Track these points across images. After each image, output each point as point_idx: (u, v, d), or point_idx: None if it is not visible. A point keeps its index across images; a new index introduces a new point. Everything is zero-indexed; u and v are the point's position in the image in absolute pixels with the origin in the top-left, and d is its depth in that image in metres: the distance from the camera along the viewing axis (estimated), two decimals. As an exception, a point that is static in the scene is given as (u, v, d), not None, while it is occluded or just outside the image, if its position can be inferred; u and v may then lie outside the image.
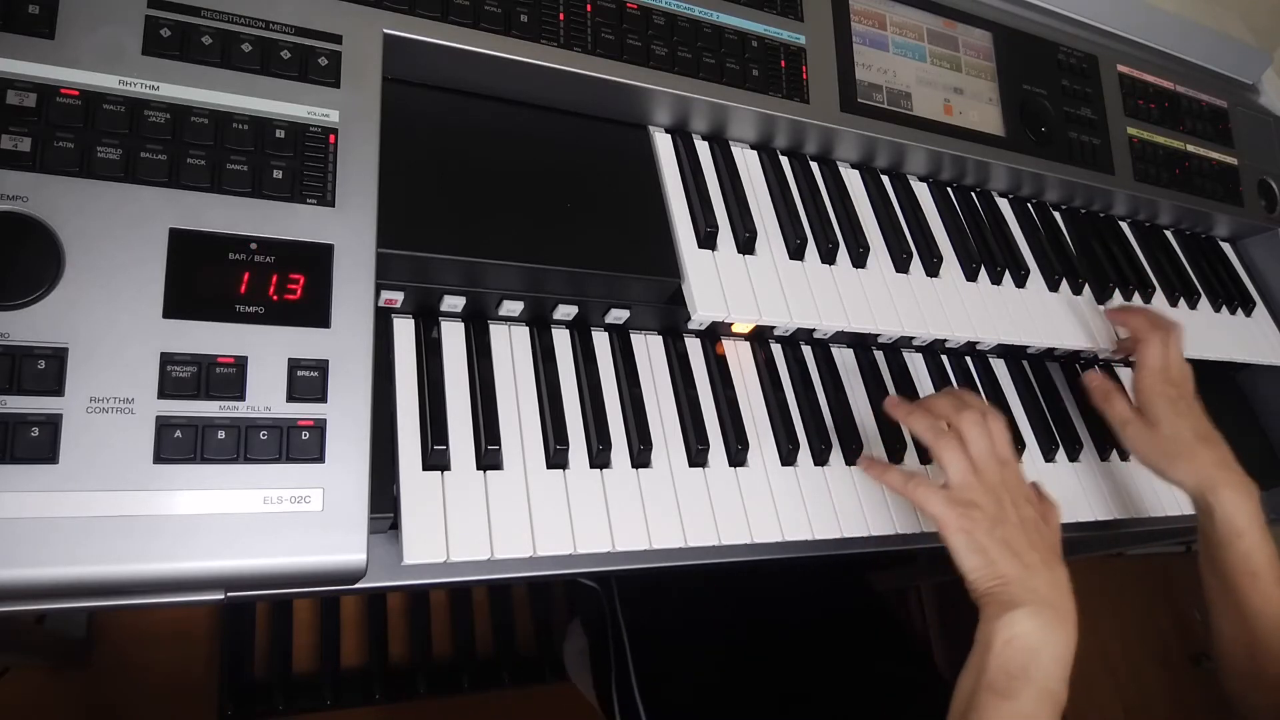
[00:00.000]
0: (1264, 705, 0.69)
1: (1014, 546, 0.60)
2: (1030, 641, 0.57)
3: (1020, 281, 0.84)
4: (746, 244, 0.71)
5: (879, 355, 0.81)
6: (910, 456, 0.75)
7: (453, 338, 0.64)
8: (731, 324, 0.72)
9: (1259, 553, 0.70)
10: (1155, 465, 0.77)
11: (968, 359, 0.86)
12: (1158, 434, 0.76)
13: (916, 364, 0.83)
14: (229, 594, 0.47)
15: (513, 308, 0.65)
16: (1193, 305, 0.97)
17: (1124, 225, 1.00)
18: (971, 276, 0.82)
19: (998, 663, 0.57)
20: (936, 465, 0.67)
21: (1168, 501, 0.86)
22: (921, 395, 0.80)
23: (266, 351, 0.49)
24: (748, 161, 0.77)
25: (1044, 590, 0.59)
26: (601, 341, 0.69)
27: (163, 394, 0.46)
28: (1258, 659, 0.69)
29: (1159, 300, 0.94)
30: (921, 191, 0.86)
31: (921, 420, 0.67)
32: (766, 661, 0.97)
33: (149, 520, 0.44)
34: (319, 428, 0.49)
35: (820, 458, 0.71)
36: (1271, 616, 0.69)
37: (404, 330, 0.63)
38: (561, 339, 0.68)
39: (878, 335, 0.78)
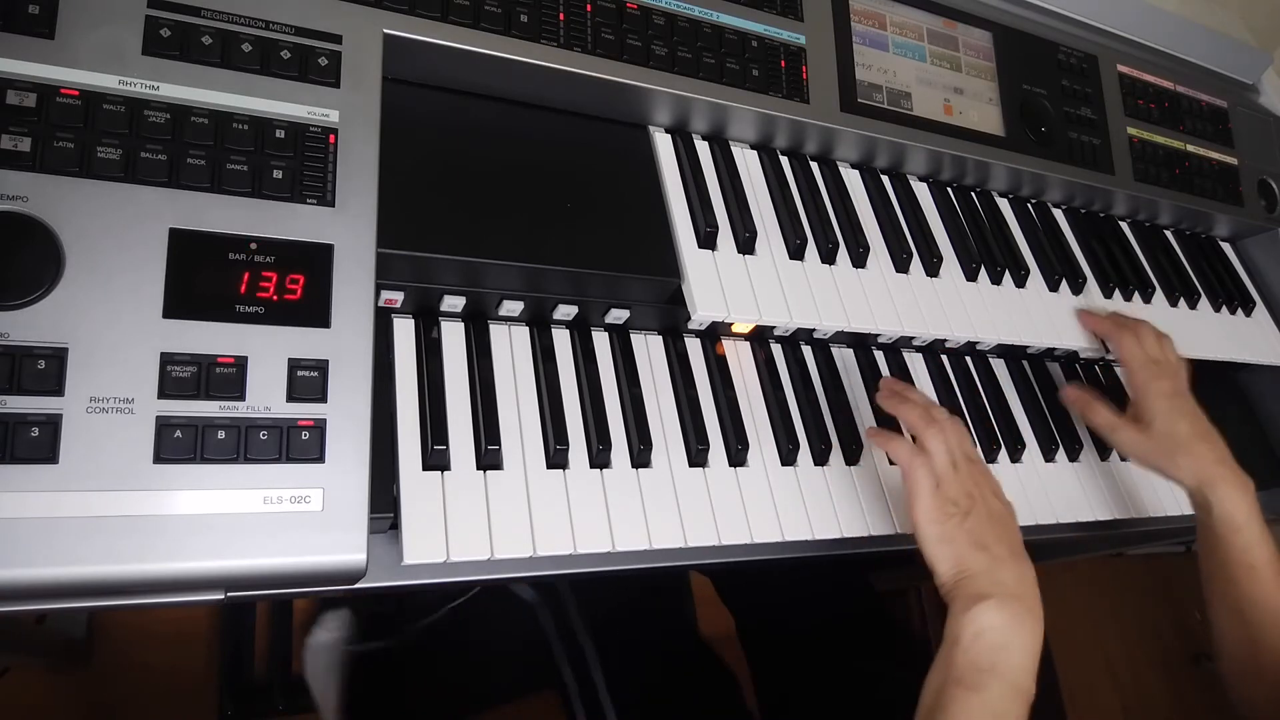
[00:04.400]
0: (1263, 699, 0.70)
1: (982, 540, 0.61)
2: (999, 636, 0.57)
3: (1020, 281, 0.84)
4: (746, 244, 0.71)
5: (879, 355, 0.81)
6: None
7: (453, 338, 0.64)
8: (731, 324, 0.72)
9: (1257, 547, 0.71)
10: (1152, 465, 0.78)
11: (968, 359, 0.86)
12: (1151, 433, 0.76)
13: (916, 364, 0.83)
14: (229, 594, 0.47)
15: (513, 308, 0.65)
16: (1193, 305, 0.97)
17: (1124, 225, 1.00)
18: (971, 276, 0.82)
19: (966, 658, 0.57)
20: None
21: (1168, 501, 0.86)
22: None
23: (266, 351, 0.49)
24: (748, 161, 0.77)
25: (1011, 583, 0.60)
26: (601, 341, 0.69)
27: (163, 394, 0.46)
28: (1257, 654, 0.70)
29: (1159, 300, 0.94)
30: (921, 191, 0.86)
31: (915, 410, 0.68)
32: (761, 662, 0.97)
33: (149, 520, 0.44)
34: (319, 428, 0.49)
35: (820, 458, 0.71)
36: (1270, 610, 0.70)
37: (404, 330, 0.63)
38: (561, 339, 0.68)
39: (878, 335, 0.78)
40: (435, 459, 0.58)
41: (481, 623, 1.07)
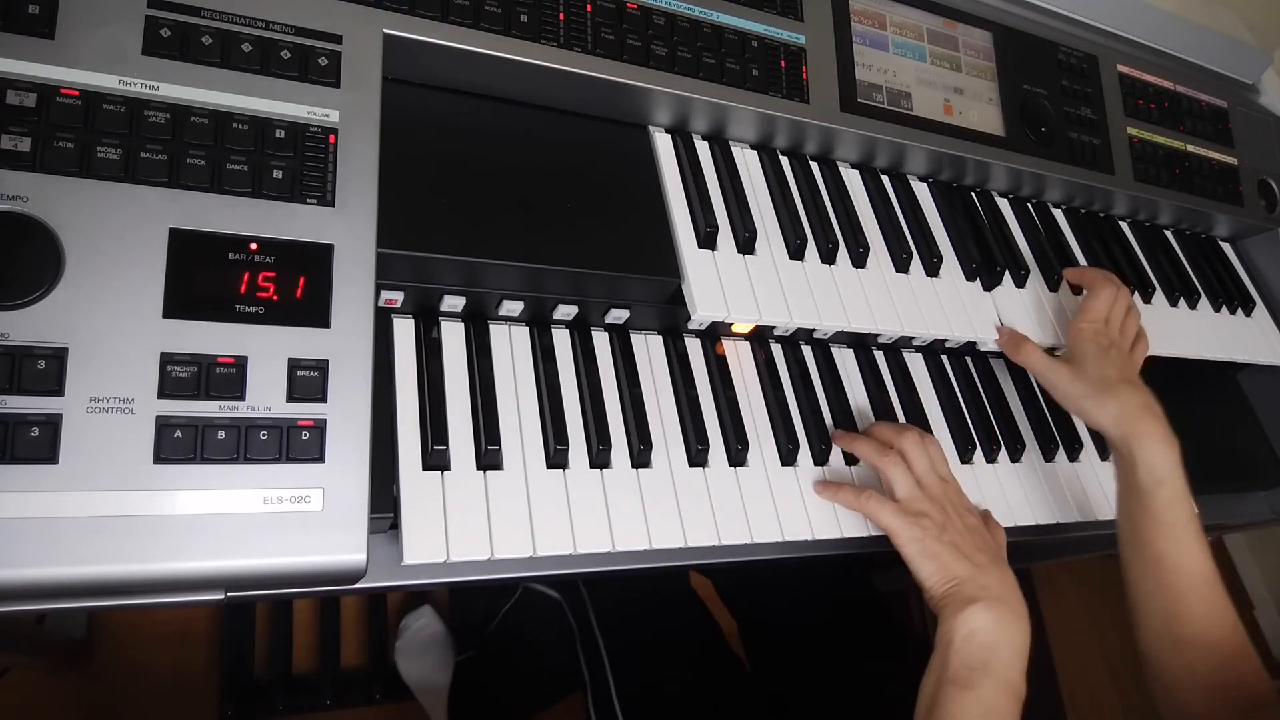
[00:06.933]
0: (1176, 665, 0.68)
1: (963, 549, 0.64)
2: (988, 636, 0.60)
3: (1020, 281, 0.84)
4: (746, 244, 0.71)
5: (879, 355, 0.81)
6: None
7: (453, 338, 0.64)
8: (731, 324, 0.72)
9: (1180, 503, 0.69)
10: (1078, 405, 0.75)
11: (968, 359, 0.86)
12: (1082, 373, 0.74)
13: (916, 364, 0.83)
14: (229, 594, 0.47)
15: (513, 308, 0.65)
16: (1193, 305, 0.97)
17: (1124, 225, 1.00)
18: (971, 276, 0.82)
19: (959, 658, 0.59)
20: (885, 486, 0.69)
21: (1168, 501, 0.86)
22: (921, 395, 0.80)
23: (266, 351, 0.49)
24: (748, 161, 0.77)
25: (996, 587, 0.62)
26: (601, 341, 0.69)
27: (163, 394, 0.46)
28: (1174, 622, 0.68)
29: (1159, 300, 0.94)
30: (921, 191, 0.86)
31: (865, 444, 0.70)
32: (762, 662, 0.97)
33: (149, 520, 0.44)
34: (319, 428, 0.49)
35: (820, 458, 0.71)
36: (1188, 572, 0.68)
37: (404, 330, 0.63)
38: (561, 339, 0.68)
39: (878, 335, 0.78)
40: (435, 459, 0.58)
41: (529, 624, 1.10)
